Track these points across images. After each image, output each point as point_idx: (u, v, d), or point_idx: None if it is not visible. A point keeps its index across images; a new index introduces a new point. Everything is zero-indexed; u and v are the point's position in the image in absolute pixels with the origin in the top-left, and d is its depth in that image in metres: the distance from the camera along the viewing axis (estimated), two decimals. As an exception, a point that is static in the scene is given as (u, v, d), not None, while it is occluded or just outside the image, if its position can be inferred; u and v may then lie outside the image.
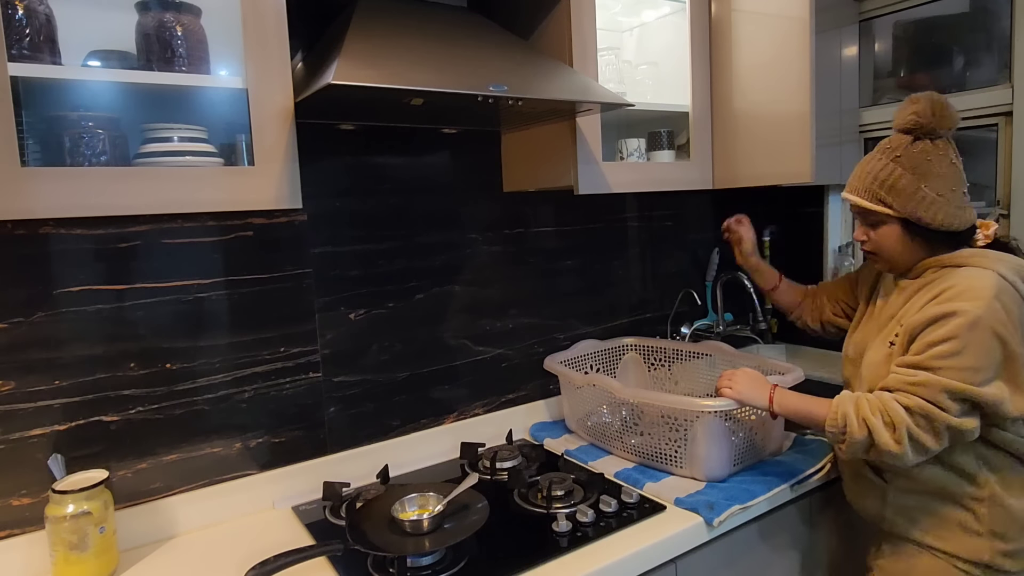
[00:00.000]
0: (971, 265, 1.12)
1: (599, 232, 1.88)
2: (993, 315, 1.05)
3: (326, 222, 1.41)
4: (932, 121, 1.13)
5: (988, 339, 1.05)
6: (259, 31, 1.03)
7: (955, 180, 1.14)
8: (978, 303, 1.05)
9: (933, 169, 1.13)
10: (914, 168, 1.13)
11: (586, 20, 1.39)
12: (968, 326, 1.05)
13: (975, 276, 1.10)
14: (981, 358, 1.05)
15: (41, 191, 0.89)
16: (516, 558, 1.09)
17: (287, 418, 1.38)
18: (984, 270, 1.10)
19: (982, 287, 1.07)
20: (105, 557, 1.09)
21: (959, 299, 1.07)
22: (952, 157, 1.15)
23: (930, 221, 1.13)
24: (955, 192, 1.14)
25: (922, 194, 1.12)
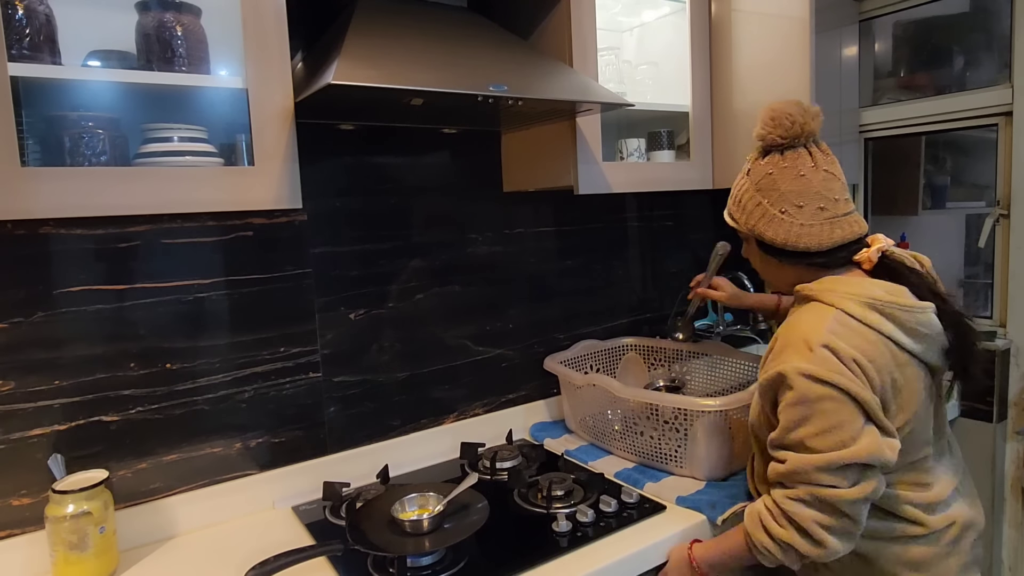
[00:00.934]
0: (817, 299, 1.01)
1: (599, 232, 1.88)
2: (822, 366, 0.93)
3: (326, 222, 1.41)
4: (771, 132, 1.05)
5: (827, 395, 0.92)
6: (259, 31, 1.03)
7: (803, 195, 1.03)
8: (801, 357, 0.95)
9: (776, 184, 1.04)
10: (757, 183, 1.07)
11: (586, 20, 1.39)
12: (802, 385, 0.94)
13: (811, 319, 0.99)
14: (830, 417, 0.92)
15: (41, 191, 0.89)
16: (516, 558, 1.09)
17: (287, 418, 1.38)
18: (825, 308, 0.99)
19: (810, 333, 0.96)
20: (105, 557, 1.09)
21: (785, 354, 0.97)
22: (802, 169, 1.03)
23: (772, 239, 1.05)
24: (802, 208, 1.02)
25: (762, 210, 1.06)
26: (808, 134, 1.04)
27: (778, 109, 1.05)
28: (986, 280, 1.85)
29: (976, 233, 1.84)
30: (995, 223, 1.78)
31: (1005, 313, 1.78)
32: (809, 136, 1.05)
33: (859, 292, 0.99)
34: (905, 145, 2.00)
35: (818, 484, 0.93)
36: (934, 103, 1.85)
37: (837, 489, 0.92)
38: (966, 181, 1.95)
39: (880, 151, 2.04)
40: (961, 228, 1.96)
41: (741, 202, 1.10)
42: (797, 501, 0.95)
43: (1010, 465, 1.79)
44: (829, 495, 0.92)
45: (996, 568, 1.82)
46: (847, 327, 0.96)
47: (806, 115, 1.04)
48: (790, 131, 1.04)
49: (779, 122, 1.04)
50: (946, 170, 2.00)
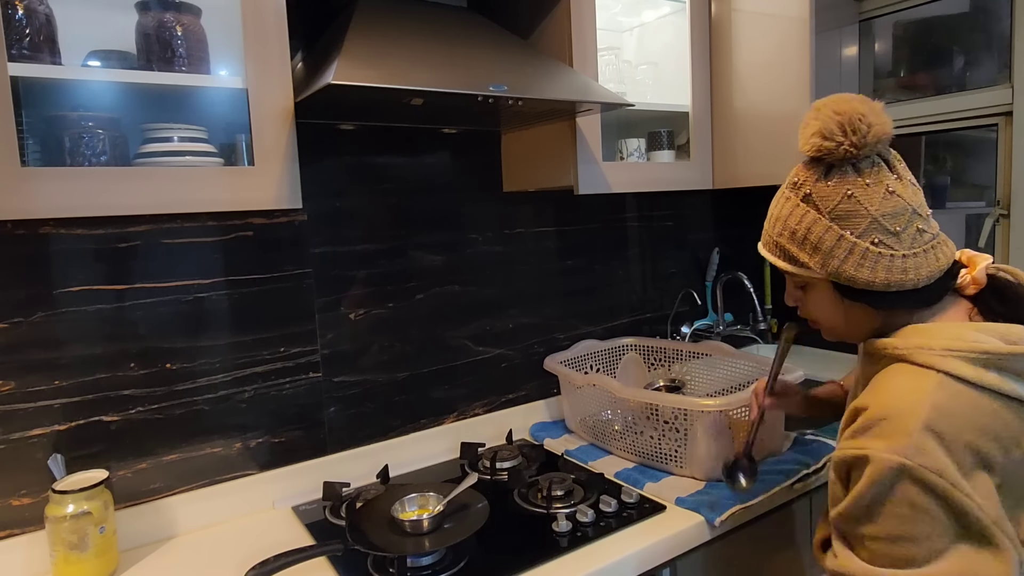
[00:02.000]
0: (908, 359, 0.79)
1: (599, 232, 1.88)
2: (919, 458, 0.71)
3: (326, 222, 1.41)
4: (845, 140, 0.80)
5: (914, 498, 0.72)
6: (259, 31, 1.03)
7: (899, 217, 0.80)
8: (897, 440, 0.72)
9: (863, 208, 0.80)
10: (832, 211, 0.81)
11: (586, 20, 1.39)
12: (887, 477, 0.73)
13: (906, 389, 0.76)
14: (908, 524, 0.72)
15: (41, 191, 0.89)
16: (516, 558, 1.09)
17: (287, 418, 1.38)
18: (923, 372, 0.76)
19: (908, 410, 0.74)
20: (105, 557, 1.09)
21: (873, 433, 0.75)
22: (889, 183, 0.81)
23: (870, 280, 0.80)
24: (901, 234, 0.80)
25: (847, 246, 0.81)
26: (885, 139, 0.82)
27: (845, 111, 0.80)
28: (986, 280, 1.85)
29: (976, 233, 1.84)
30: (995, 223, 1.78)
31: (1005, 313, 1.77)
32: (886, 141, 0.82)
33: (965, 345, 0.76)
34: (905, 145, 2.00)
35: None
36: (934, 103, 1.85)
37: None
38: (966, 181, 1.95)
39: (880, 151, 2.04)
40: (961, 228, 1.96)
41: (810, 241, 0.83)
42: None
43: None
44: None
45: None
46: (958, 399, 0.74)
47: (878, 115, 0.81)
48: (867, 138, 0.80)
49: (854, 127, 0.79)
50: (946, 170, 1.99)
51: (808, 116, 0.84)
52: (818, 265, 0.83)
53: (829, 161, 0.83)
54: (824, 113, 0.81)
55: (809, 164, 0.86)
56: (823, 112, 0.82)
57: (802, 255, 0.84)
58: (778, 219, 0.87)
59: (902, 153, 0.88)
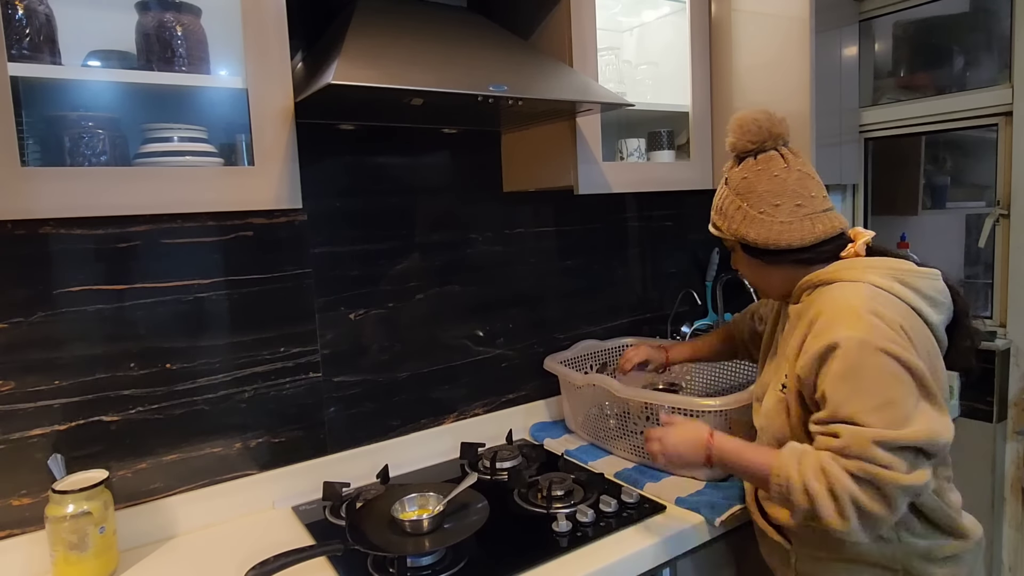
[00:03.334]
0: (839, 279, 1.01)
1: (599, 232, 1.88)
2: (875, 332, 0.91)
3: (326, 222, 1.41)
4: (740, 139, 1.07)
5: (883, 362, 0.90)
6: (259, 31, 1.03)
7: (780, 194, 1.04)
8: (854, 324, 0.92)
9: (753, 186, 1.06)
10: (735, 188, 1.08)
11: (586, 20, 1.39)
12: (855, 354, 0.90)
13: (844, 294, 0.97)
14: (890, 386, 0.89)
15: (41, 191, 0.89)
16: (516, 558, 1.09)
17: (287, 418, 1.38)
18: (853, 283, 0.98)
19: (853, 304, 0.95)
20: (105, 557, 1.09)
21: (833, 326, 0.94)
22: (775, 170, 1.05)
23: (755, 239, 1.05)
24: (779, 206, 1.04)
25: (742, 213, 1.07)
26: (776, 137, 1.06)
27: (745, 117, 1.07)
28: (986, 280, 1.85)
29: (976, 233, 1.84)
30: (995, 223, 1.78)
31: (1005, 313, 1.78)
32: (778, 139, 1.07)
33: (878, 265, 1.00)
34: (905, 145, 2.00)
35: (873, 461, 0.87)
36: (934, 103, 1.85)
37: (892, 471, 0.86)
38: (966, 181, 1.95)
39: (880, 151, 2.04)
40: (961, 228, 1.96)
41: (722, 209, 1.11)
42: (844, 471, 0.88)
43: (1010, 465, 1.79)
44: (882, 475, 0.86)
45: (996, 568, 1.82)
46: (882, 297, 0.95)
47: (772, 120, 1.06)
48: (758, 135, 1.06)
49: (746, 128, 1.06)
50: (946, 170, 2.00)
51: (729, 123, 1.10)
52: (724, 227, 1.11)
53: (737, 154, 1.10)
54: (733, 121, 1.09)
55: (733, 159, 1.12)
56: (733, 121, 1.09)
57: (717, 220, 1.13)
58: (714, 198, 1.15)
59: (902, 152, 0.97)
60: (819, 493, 0.89)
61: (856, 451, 0.88)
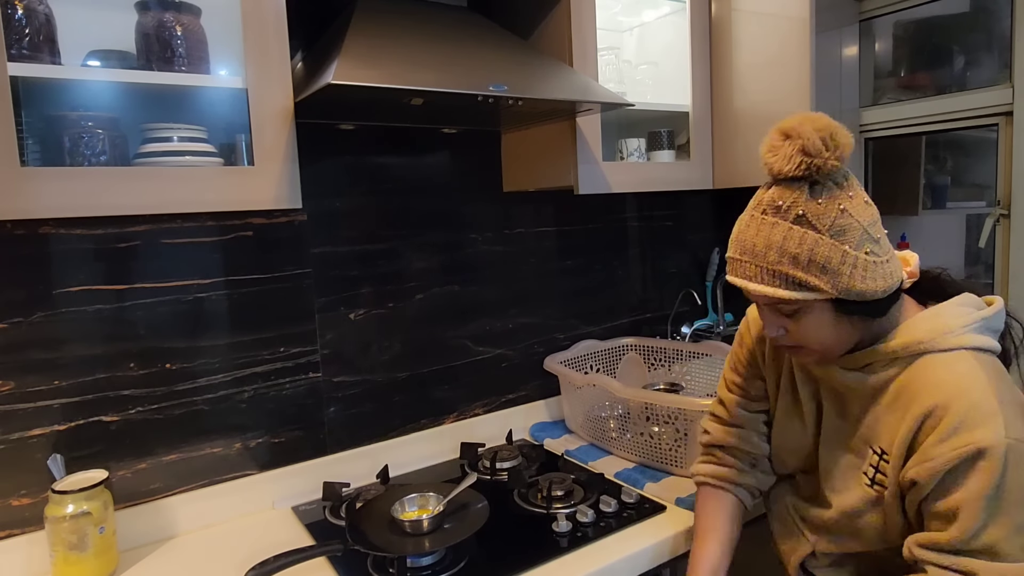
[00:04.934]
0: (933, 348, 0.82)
1: (599, 232, 1.88)
2: (1015, 430, 0.74)
3: (326, 222, 1.41)
4: (830, 155, 0.80)
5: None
6: (259, 31, 1.03)
7: (877, 223, 0.83)
8: (994, 421, 0.74)
9: (852, 221, 0.80)
10: (831, 228, 0.79)
11: (586, 20, 1.39)
12: (1004, 465, 0.73)
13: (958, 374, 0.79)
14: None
15: (41, 191, 0.89)
16: (516, 558, 1.09)
17: (287, 418, 1.38)
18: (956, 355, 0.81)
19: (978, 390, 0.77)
20: (105, 557, 1.09)
21: (969, 425, 0.75)
22: (862, 193, 0.84)
23: (875, 289, 0.81)
24: (881, 241, 0.82)
25: (851, 260, 0.79)
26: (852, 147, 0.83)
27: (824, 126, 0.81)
28: (986, 280, 1.85)
29: (976, 233, 1.84)
30: (995, 223, 1.77)
31: (1005, 313, 1.77)
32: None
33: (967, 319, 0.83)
34: (905, 145, 2.00)
35: None
36: (934, 103, 1.84)
37: None
38: (966, 181, 1.95)
39: (880, 151, 2.04)
40: (961, 228, 1.96)
41: (816, 262, 0.79)
42: None
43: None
44: None
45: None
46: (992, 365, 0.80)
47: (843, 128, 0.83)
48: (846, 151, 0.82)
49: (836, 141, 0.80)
50: (946, 170, 1.99)
51: (774, 140, 0.82)
52: (829, 285, 0.79)
53: (813, 179, 0.81)
54: (804, 130, 0.80)
55: (786, 185, 0.82)
56: (803, 129, 0.80)
57: (811, 278, 0.80)
58: (769, 247, 0.81)
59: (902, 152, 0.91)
60: None
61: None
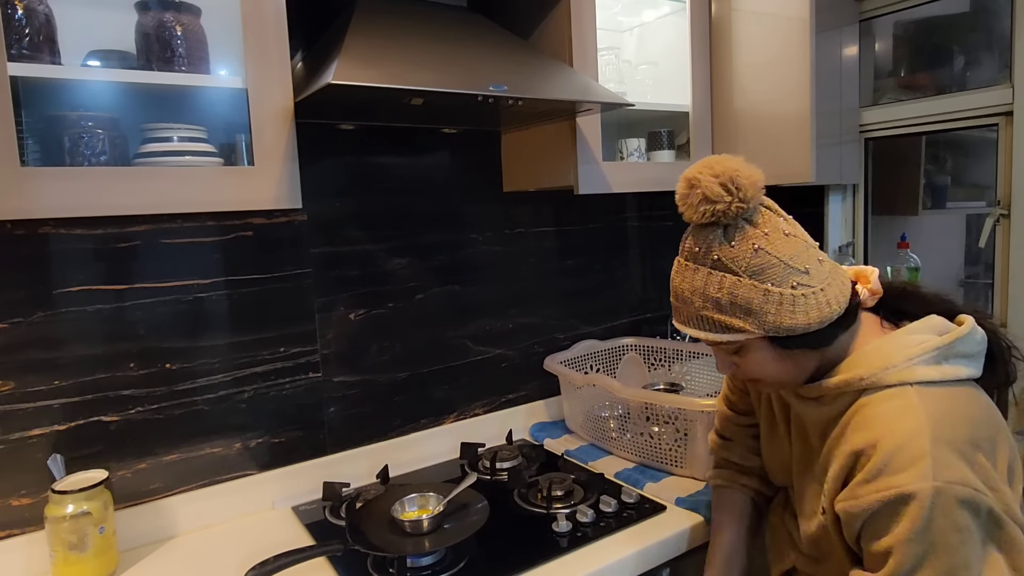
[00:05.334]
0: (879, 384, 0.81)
1: (599, 232, 1.88)
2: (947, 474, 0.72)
3: (326, 222, 1.41)
4: (732, 199, 0.79)
5: (958, 519, 0.72)
6: (259, 31, 1.03)
7: (802, 254, 0.81)
8: (922, 466, 0.73)
9: (770, 259, 0.80)
10: (747, 269, 0.80)
11: (586, 20, 1.39)
12: (929, 512, 0.72)
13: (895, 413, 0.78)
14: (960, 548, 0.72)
15: (41, 191, 0.89)
16: (516, 558, 1.09)
17: (287, 418, 1.38)
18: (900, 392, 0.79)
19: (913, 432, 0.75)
20: (105, 557, 1.09)
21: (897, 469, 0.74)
22: (782, 225, 0.82)
23: (807, 323, 0.80)
24: (811, 270, 0.81)
25: (775, 299, 0.79)
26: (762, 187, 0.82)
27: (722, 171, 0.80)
28: (986, 280, 1.85)
29: (976, 233, 1.84)
30: (995, 223, 1.77)
31: (1005, 314, 1.77)
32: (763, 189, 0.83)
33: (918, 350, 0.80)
34: (905, 145, 2.00)
35: None
36: (934, 103, 1.84)
37: None
38: (966, 181, 1.95)
39: (880, 151, 2.04)
40: (961, 228, 1.96)
41: (738, 304, 0.81)
42: None
43: (1010, 465, 1.79)
44: None
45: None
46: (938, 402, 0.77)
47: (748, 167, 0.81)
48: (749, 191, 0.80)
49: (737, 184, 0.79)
50: (946, 170, 1.99)
51: (682, 189, 0.82)
52: (754, 326, 0.81)
53: (723, 223, 0.82)
54: (703, 179, 0.80)
55: (700, 231, 0.83)
56: (702, 178, 0.80)
57: (735, 321, 0.81)
58: (694, 293, 0.83)
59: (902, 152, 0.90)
60: None
61: None
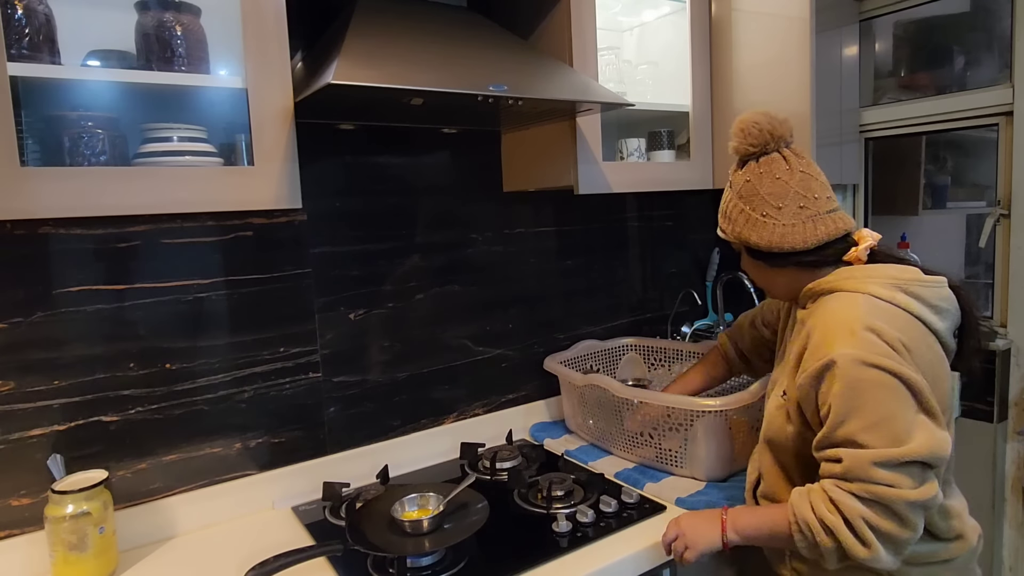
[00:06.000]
0: (839, 289, 1.00)
1: (599, 232, 1.88)
2: (869, 348, 0.90)
3: (326, 222, 1.41)
4: (742, 143, 1.05)
5: (879, 378, 0.89)
6: (259, 31, 1.03)
7: (782, 196, 1.02)
8: (848, 340, 0.91)
9: (755, 189, 1.04)
10: (739, 192, 1.06)
11: (586, 20, 1.39)
12: (851, 372, 0.90)
13: (841, 306, 0.97)
14: (886, 402, 0.89)
15: (41, 191, 0.89)
16: (516, 558, 1.09)
17: (287, 418, 1.38)
18: (851, 294, 0.97)
19: (848, 319, 0.94)
20: (105, 557, 1.09)
21: (829, 343, 0.93)
22: (777, 172, 1.03)
23: (758, 242, 1.04)
24: (782, 209, 1.02)
25: (745, 216, 1.05)
26: (778, 139, 1.04)
27: (745, 120, 1.05)
28: (986, 280, 1.85)
29: (976, 233, 1.84)
30: (995, 223, 1.77)
31: (1005, 313, 1.77)
32: (779, 141, 1.05)
33: (880, 274, 0.98)
34: (905, 145, 2.00)
35: (875, 482, 0.87)
36: (934, 103, 1.84)
37: (896, 488, 0.87)
38: (966, 181, 1.95)
39: (880, 151, 2.04)
40: (961, 228, 1.96)
41: (727, 213, 1.09)
42: (849, 494, 0.89)
43: (1010, 465, 1.79)
44: (886, 494, 0.87)
45: (996, 568, 1.82)
46: (881, 310, 0.94)
47: (773, 122, 1.04)
48: (759, 138, 1.04)
49: (748, 132, 1.04)
50: (946, 170, 1.99)
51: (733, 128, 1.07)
52: (729, 230, 1.09)
53: (740, 158, 1.08)
54: (735, 125, 1.07)
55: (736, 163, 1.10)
56: (735, 125, 1.07)
57: (723, 223, 1.11)
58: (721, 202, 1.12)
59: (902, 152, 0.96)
60: (836, 525, 0.89)
61: (858, 474, 0.89)
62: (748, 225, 1.05)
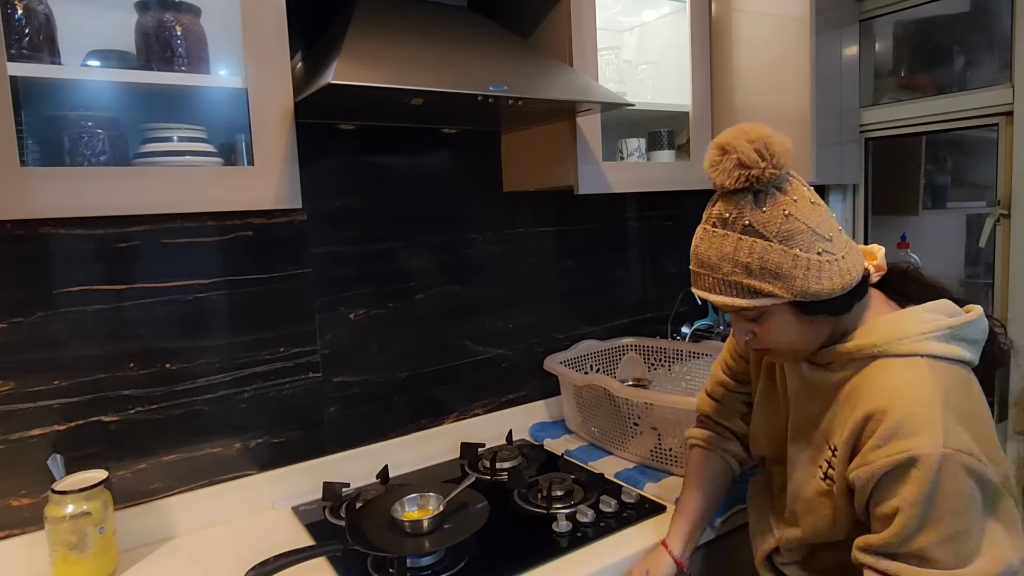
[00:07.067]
0: (891, 352, 0.84)
1: (599, 232, 1.88)
2: (955, 442, 0.76)
3: (326, 222, 1.41)
4: (766, 164, 0.81)
5: (962, 486, 0.76)
6: (259, 31, 1.03)
7: (825, 222, 0.84)
8: (930, 435, 0.76)
9: (799, 224, 0.81)
10: (778, 234, 0.81)
11: (586, 20, 1.39)
12: (932, 481, 0.75)
13: (907, 382, 0.81)
14: (963, 514, 0.76)
15: (41, 191, 0.89)
16: (516, 558, 1.09)
17: (287, 418, 1.38)
18: (910, 361, 0.82)
19: (923, 401, 0.78)
20: (104, 557, 1.09)
21: (907, 434, 0.77)
22: (807, 194, 0.85)
23: (831, 288, 0.82)
24: (833, 238, 0.83)
25: (803, 263, 0.81)
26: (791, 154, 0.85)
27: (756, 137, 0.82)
28: (986, 280, 1.85)
29: (976, 233, 1.84)
30: (995, 223, 1.77)
31: (1005, 313, 1.77)
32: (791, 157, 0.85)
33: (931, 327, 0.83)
34: (905, 145, 2.00)
35: None
36: (934, 103, 1.84)
37: None
38: (967, 181, 1.95)
39: (880, 151, 2.04)
40: (961, 228, 1.96)
41: (768, 269, 0.82)
42: None
43: (1011, 465, 1.79)
44: None
45: (996, 568, 1.82)
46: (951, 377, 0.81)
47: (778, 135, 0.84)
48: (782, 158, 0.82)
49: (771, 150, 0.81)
50: (947, 170, 1.99)
51: (713, 155, 0.84)
52: (783, 290, 0.82)
53: (755, 189, 0.83)
54: (738, 144, 0.82)
55: (730, 197, 0.85)
56: (738, 143, 0.82)
57: (764, 285, 0.82)
58: (722, 259, 0.84)
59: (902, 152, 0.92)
60: None
61: None
62: (811, 272, 0.81)
